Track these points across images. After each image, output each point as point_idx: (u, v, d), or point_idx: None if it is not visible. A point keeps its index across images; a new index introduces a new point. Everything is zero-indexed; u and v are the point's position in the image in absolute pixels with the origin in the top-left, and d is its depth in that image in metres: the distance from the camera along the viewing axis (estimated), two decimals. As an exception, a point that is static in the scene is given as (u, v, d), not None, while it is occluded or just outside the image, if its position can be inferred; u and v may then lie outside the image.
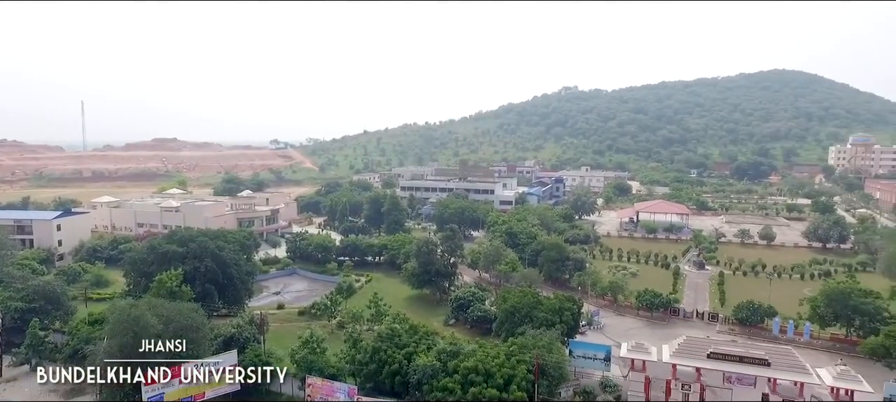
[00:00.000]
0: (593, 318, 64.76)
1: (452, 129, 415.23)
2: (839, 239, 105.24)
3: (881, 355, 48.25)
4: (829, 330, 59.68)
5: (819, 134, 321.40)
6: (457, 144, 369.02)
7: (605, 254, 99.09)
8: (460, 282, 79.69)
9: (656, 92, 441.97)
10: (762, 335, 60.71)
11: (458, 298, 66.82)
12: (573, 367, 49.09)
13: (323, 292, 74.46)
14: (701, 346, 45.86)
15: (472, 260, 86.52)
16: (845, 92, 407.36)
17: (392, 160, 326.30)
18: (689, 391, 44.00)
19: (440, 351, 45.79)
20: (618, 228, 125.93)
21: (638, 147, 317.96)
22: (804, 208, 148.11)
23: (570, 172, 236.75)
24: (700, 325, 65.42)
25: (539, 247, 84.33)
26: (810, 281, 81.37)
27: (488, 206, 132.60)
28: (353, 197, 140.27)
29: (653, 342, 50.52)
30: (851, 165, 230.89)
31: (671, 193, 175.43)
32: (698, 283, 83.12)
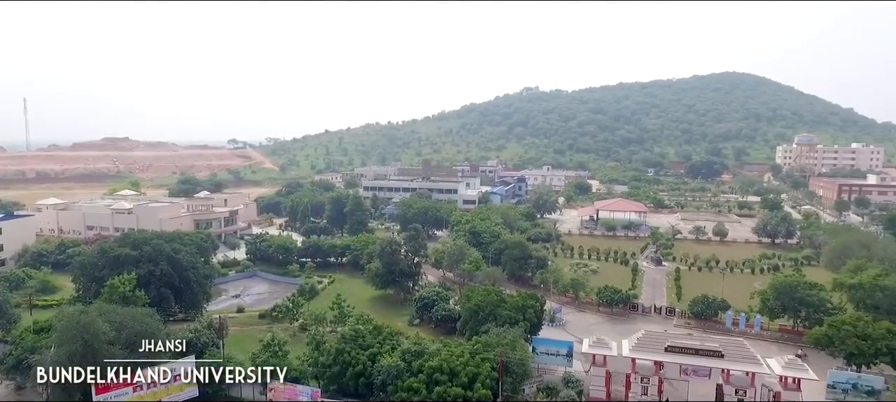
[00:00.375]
0: (556, 315, 65.76)
1: (415, 128, 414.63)
2: (786, 235, 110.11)
3: (825, 344, 50.70)
4: (778, 322, 62.35)
5: (767, 134, 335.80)
6: (420, 143, 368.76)
7: (566, 252, 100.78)
8: (424, 282, 79.62)
9: (614, 93, 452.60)
10: (716, 328, 62.93)
11: (423, 297, 66.76)
12: (536, 363, 49.73)
13: (284, 294, 73.11)
14: (659, 340, 47.17)
15: (436, 260, 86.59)
16: (791, 94, 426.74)
17: (354, 160, 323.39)
18: (647, 384, 45.19)
19: (405, 351, 45.64)
20: (579, 226, 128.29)
21: (597, 147, 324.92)
22: (754, 205, 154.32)
23: (532, 171, 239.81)
24: (658, 319, 67.31)
25: (502, 246, 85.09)
26: (760, 275, 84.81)
27: (452, 205, 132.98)
28: (314, 197, 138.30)
29: (613, 337, 51.66)
30: (797, 164, 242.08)
31: (629, 191, 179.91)
32: (656, 279, 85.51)
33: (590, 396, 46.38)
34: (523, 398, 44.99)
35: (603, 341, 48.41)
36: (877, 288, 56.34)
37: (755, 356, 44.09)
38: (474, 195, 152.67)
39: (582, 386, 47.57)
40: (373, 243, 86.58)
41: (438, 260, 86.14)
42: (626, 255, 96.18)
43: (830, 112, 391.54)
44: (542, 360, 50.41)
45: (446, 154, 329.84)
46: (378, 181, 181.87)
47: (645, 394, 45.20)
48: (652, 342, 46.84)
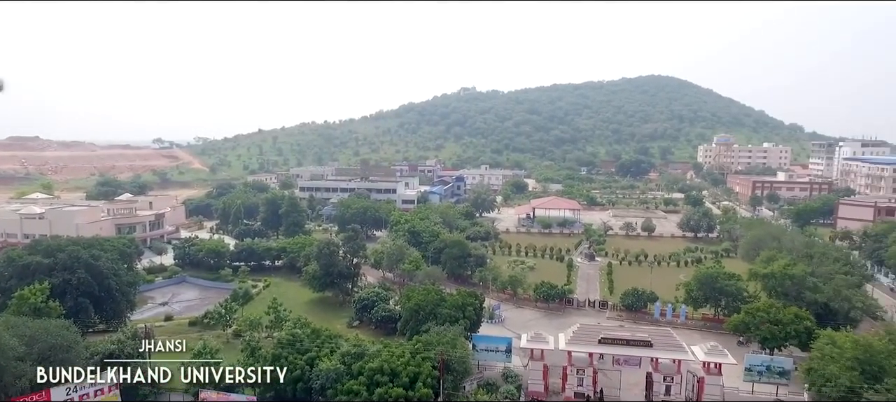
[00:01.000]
0: (495, 312, 66.79)
1: (353, 128, 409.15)
2: (707, 229, 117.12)
3: (742, 330, 54.34)
4: (701, 311, 66.21)
5: (689, 134, 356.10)
6: (357, 143, 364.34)
7: (504, 250, 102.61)
8: (364, 283, 78.71)
9: (548, 94, 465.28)
10: (646, 319, 66.01)
11: (362, 299, 66.00)
12: (477, 360, 50.32)
13: (217, 300, 70.13)
14: (593, 332, 48.91)
15: (376, 260, 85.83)
16: (710, 97, 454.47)
17: (290, 160, 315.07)
18: (583, 376, 46.76)
19: (344, 354, 44.93)
20: (516, 224, 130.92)
21: (533, 146, 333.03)
22: (678, 201, 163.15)
23: (470, 170, 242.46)
24: (592, 313, 69.83)
25: (442, 245, 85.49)
26: (685, 267, 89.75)
27: (391, 205, 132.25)
28: (248, 199, 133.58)
29: (550, 331, 53.09)
30: (716, 163, 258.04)
31: (564, 190, 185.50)
32: (589, 273, 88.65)
33: (528, 389, 47.43)
34: (464, 395, 45.41)
35: (540, 335, 49.63)
36: (786, 277, 60.91)
37: (681, 345, 46.59)
38: (413, 195, 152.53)
39: (521, 381, 48.59)
40: (310, 244, 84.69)
41: (378, 261, 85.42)
42: (562, 251, 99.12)
43: (745, 114, 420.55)
44: (482, 357, 51.06)
45: (385, 154, 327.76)
46: (315, 182, 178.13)
47: (580, 385, 46.74)
48: (586, 334, 48.49)
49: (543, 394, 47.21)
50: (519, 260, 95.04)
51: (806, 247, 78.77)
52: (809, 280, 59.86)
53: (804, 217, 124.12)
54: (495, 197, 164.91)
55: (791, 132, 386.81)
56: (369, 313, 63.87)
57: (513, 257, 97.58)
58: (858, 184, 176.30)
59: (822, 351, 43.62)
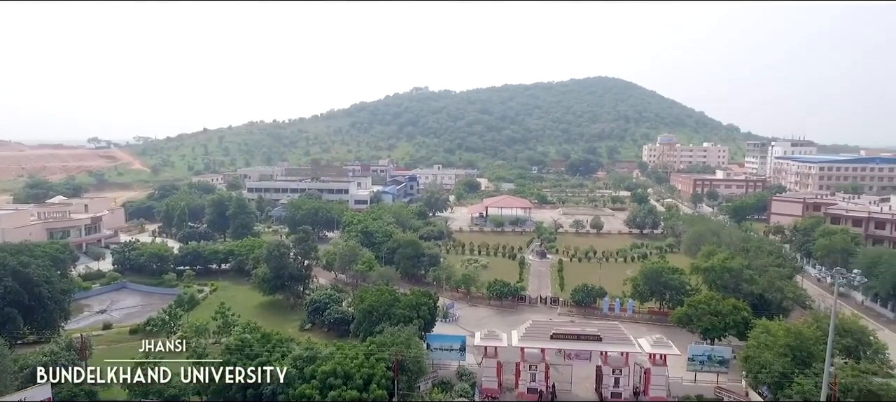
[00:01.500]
0: (449, 310, 67.01)
1: (303, 127, 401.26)
2: (652, 225, 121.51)
3: (685, 322, 56.65)
4: (647, 305, 68.61)
5: (635, 134, 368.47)
6: (308, 143, 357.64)
7: (458, 249, 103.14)
8: (316, 285, 77.33)
9: (500, 94, 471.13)
10: (595, 314, 67.86)
11: (314, 301, 64.84)
12: (431, 360, 50.32)
13: (160, 305, 67.28)
14: (545, 328, 49.81)
15: (328, 261, 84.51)
16: (654, 98, 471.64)
17: (237, 160, 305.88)
18: (535, 371, 47.55)
19: (296, 358, 43.97)
20: (469, 223, 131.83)
21: (485, 146, 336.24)
22: (625, 199, 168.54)
23: (423, 170, 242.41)
24: (544, 309, 71.14)
25: (395, 245, 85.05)
26: (631, 263, 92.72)
27: (343, 206, 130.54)
28: (193, 200, 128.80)
29: (503, 328, 53.71)
30: (659, 162, 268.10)
31: (516, 188, 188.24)
32: (541, 271, 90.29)
33: (483, 387, 47.83)
34: (419, 395, 45.33)
35: (494, 333, 50.14)
36: (725, 270, 63.93)
37: (628, 338, 48.12)
38: (366, 195, 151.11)
39: (475, 378, 48.94)
40: (259, 246, 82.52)
41: (330, 262, 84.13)
42: (514, 249, 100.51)
43: (686, 115, 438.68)
44: (436, 356, 51.12)
45: (336, 153, 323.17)
46: (264, 182, 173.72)
47: (533, 381, 47.51)
48: (538, 330, 49.34)
49: (497, 391, 47.73)
50: (472, 259, 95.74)
51: (742, 241, 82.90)
52: (746, 273, 63.00)
53: (741, 213, 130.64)
54: (448, 196, 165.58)
55: (728, 132, 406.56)
56: (322, 315, 62.81)
57: (466, 256, 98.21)
58: (789, 181, 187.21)
59: (758, 340, 46.02)
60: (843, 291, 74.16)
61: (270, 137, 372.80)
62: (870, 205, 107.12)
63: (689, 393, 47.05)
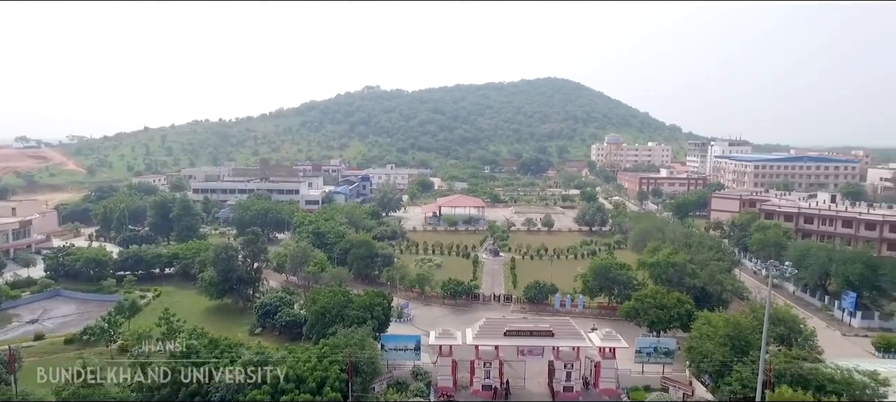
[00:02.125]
0: (403, 310, 66.75)
1: (251, 126, 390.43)
2: (601, 223, 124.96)
3: (633, 316, 58.55)
4: (597, 300, 70.52)
5: (583, 134, 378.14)
6: (256, 142, 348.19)
7: (411, 248, 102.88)
8: (266, 288, 75.39)
9: (452, 94, 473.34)
10: (547, 310, 69.16)
11: (265, 304, 63.21)
12: (386, 360, 49.97)
13: (98, 313, 63.89)
14: (498, 326, 50.36)
15: (278, 264, 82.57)
16: (601, 99, 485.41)
17: (181, 160, 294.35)
18: (490, 368, 48.01)
19: (246, 363, 42.71)
20: (423, 222, 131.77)
21: (438, 145, 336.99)
22: (575, 197, 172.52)
23: (375, 170, 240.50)
24: (497, 307, 71.92)
25: (348, 245, 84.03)
26: (581, 260, 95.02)
27: (294, 206, 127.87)
28: (133, 202, 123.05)
29: (457, 327, 53.94)
30: (607, 161, 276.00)
31: (469, 188, 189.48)
32: (494, 269, 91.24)
33: (438, 385, 47.89)
34: (374, 396, 44.95)
35: (448, 332, 50.30)
36: (669, 265, 66.49)
37: (579, 333, 49.29)
38: (317, 195, 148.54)
39: (430, 377, 48.95)
40: (205, 249, 79.73)
41: (281, 264, 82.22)
42: (467, 248, 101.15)
43: (632, 116, 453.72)
44: (391, 356, 50.81)
45: (286, 153, 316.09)
46: (210, 183, 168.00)
47: (488, 378, 47.95)
48: (492, 328, 49.84)
49: (452, 389, 47.90)
50: (426, 258, 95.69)
51: (685, 237, 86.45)
52: (689, 267, 65.72)
53: (683, 210, 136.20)
54: (402, 196, 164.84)
55: (671, 132, 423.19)
56: (273, 318, 61.31)
57: (420, 256, 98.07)
58: (727, 179, 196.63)
59: (700, 331, 48.10)
60: (777, 282, 78.56)
61: (216, 136, 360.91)
62: (799, 201, 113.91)
63: (637, 384, 48.65)
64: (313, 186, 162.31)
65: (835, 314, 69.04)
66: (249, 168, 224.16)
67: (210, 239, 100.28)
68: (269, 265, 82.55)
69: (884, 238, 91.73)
